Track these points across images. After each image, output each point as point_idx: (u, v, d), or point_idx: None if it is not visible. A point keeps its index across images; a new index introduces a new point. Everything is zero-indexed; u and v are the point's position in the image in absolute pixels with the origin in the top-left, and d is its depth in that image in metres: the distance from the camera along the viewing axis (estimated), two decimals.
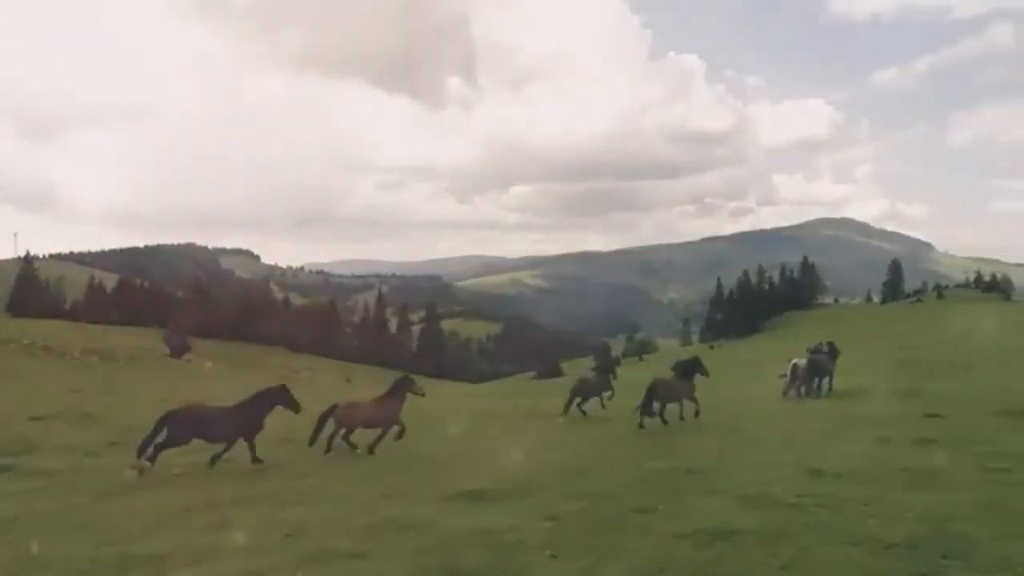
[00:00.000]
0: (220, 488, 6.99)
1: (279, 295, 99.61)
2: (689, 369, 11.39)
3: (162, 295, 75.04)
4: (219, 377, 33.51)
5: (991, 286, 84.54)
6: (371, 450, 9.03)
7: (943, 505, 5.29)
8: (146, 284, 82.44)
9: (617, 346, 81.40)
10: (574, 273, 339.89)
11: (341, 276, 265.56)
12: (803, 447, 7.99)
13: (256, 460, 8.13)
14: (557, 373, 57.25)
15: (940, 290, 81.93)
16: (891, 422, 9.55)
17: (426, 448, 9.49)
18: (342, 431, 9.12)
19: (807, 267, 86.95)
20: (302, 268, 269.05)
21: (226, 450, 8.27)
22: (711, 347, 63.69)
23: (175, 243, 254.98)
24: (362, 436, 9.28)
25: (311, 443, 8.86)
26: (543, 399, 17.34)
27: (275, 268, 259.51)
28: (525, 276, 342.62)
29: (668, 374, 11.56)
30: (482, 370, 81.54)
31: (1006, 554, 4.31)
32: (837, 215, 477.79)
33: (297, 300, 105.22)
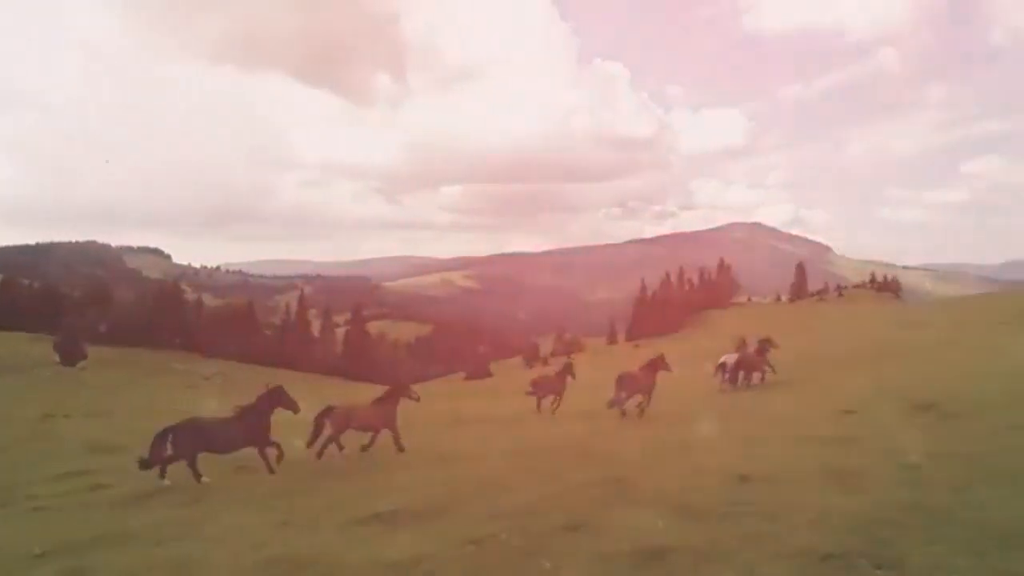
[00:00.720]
0: (86, 522, 6.01)
1: (191, 296, 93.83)
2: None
3: (55, 297, 68.71)
4: (114, 386, 30.78)
5: (883, 286, 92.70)
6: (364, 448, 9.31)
7: (868, 508, 5.22)
8: (35, 285, 75.29)
9: (546, 345, 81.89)
10: (504, 274, 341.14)
11: (261, 277, 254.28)
12: (727, 449, 7.89)
13: (271, 470, 7.96)
14: (487, 374, 56.80)
15: (840, 290, 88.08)
16: (808, 419, 9.69)
17: (337, 462, 8.74)
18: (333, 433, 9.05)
19: (723, 268, 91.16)
20: (218, 268, 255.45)
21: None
22: (636, 346, 65.20)
23: (73, 240, 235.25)
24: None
25: (309, 445, 8.90)
26: (468, 401, 16.85)
27: (188, 268, 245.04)
28: (456, 276, 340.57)
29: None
30: (411, 372, 79.99)
31: (935, 562, 4.22)
32: (749, 219, 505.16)
33: (212, 302, 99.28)
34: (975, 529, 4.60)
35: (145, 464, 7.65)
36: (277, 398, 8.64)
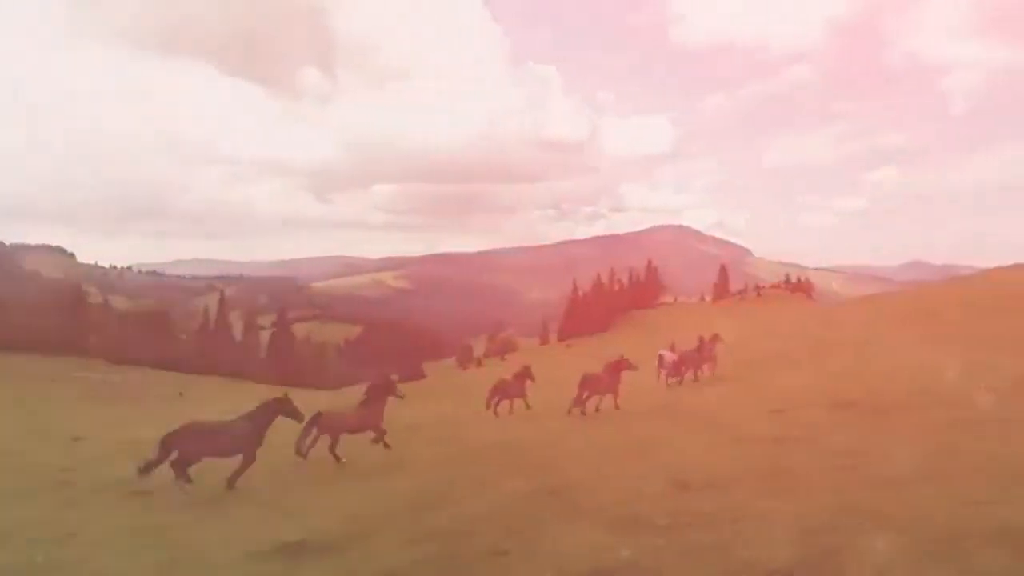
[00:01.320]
0: None
1: (98, 299, 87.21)
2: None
3: None
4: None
5: (796, 287, 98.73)
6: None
7: (807, 513, 5.08)
8: None
9: (479, 346, 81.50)
10: (438, 274, 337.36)
11: (179, 277, 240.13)
12: (667, 453, 7.68)
13: (232, 485, 7.56)
14: (420, 376, 55.72)
15: (759, 290, 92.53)
16: (742, 419, 9.68)
17: (239, 481, 7.82)
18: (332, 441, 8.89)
19: (650, 269, 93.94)
20: (129, 268, 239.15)
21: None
22: (568, 346, 65.85)
23: None
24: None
25: (297, 452, 8.70)
26: (398, 409, 16.10)
27: (95, 268, 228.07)
28: (387, 277, 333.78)
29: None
30: (340, 375, 77.58)
31: (877, 570, 4.07)
32: (676, 222, 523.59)
33: (122, 304, 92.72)
34: (914, 531, 4.51)
35: (147, 468, 7.33)
36: (282, 407, 8.32)
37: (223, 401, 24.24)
